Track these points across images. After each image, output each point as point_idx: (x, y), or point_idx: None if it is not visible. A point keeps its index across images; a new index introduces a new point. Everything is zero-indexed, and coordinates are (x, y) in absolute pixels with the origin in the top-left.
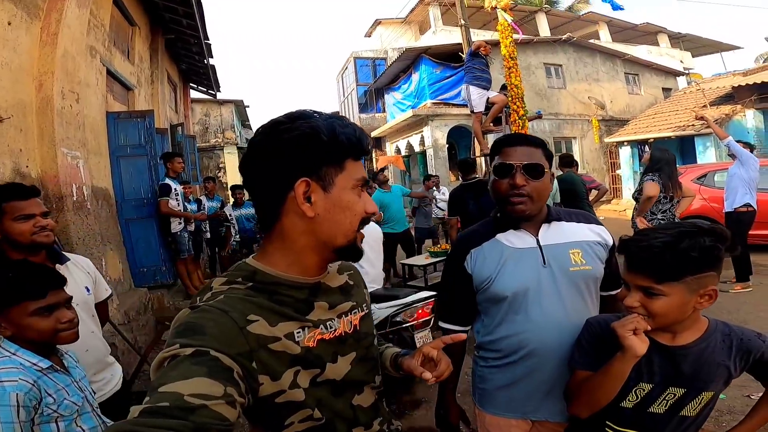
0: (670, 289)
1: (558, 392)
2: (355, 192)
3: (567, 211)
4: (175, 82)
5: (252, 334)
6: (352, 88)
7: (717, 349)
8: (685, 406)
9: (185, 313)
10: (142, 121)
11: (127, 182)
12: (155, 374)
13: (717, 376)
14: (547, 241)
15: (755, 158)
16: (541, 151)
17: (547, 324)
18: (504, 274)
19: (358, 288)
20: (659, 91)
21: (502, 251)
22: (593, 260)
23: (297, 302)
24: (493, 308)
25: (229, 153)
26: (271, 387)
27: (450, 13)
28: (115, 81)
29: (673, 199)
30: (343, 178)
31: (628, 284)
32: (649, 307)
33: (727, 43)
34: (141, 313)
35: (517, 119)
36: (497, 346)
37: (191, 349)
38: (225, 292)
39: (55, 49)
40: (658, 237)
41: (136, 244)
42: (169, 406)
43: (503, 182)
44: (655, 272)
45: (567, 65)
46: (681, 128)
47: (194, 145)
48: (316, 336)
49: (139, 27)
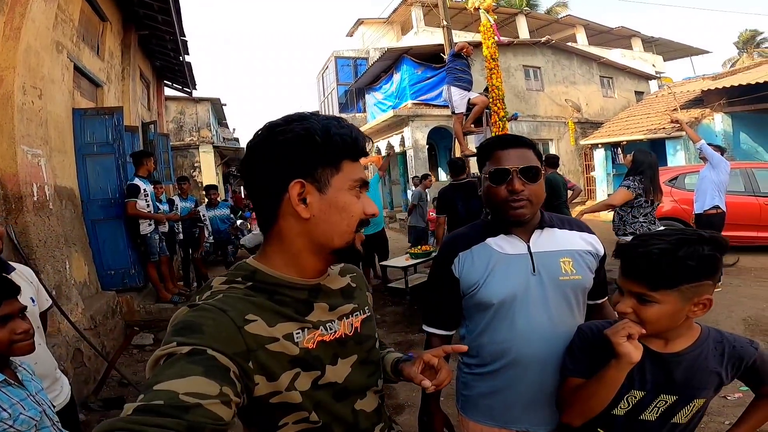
0: (664, 296)
1: (540, 402)
2: (353, 193)
3: (560, 218)
4: (149, 79)
5: (250, 334)
6: (333, 87)
7: (709, 356)
8: (676, 414)
9: (183, 311)
10: (110, 118)
11: (94, 181)
12: (151, 372)
13: (709, 383)
14: (538, 248)
15: (726, 161)
16: (532, 152)
17: (532, 334)
18: (492, 280)
19: (360, 291)
20: (632, 94)
21: (491, 256)
22: (583, 270)
23: (296, 303)
24: (478, 314)
25: (205, 152)
26: (267, 387)
27: (432, 14)
28: (83, 77)
29: (654, 203)
30: (339, 179)
31: (622, 289)
32: (641, 313)
33: (696, 48)
34: (108, 318)
35: (498, 120)
36: (480, 353)
37: (188, 348)
38: (224, 291)
39: (17, 43)
40: (656, 244)
41: (103, 245)
42: (164, 404)
43: (501, 188)
44: (650, 280)
45: (545, 68)
46: (652, 131)
47: (167, 144)
48: (316, 337)
49: (110, 22)
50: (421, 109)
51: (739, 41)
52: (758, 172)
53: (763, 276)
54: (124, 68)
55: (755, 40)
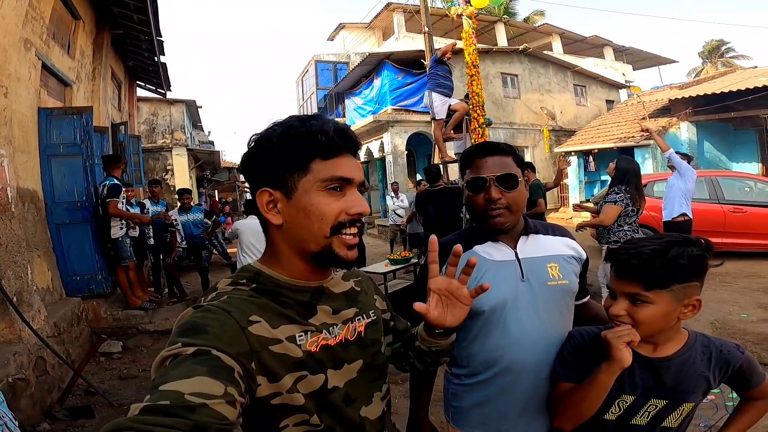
0: (657, 296)
1: (533, 409)
2: (324, 194)
3: (543, 224)
4: (120, 79)
5: (253, 335)
6: (312, 91)
7: (697, 360)
8: (666, 418)
9: (189, 313)
10: (79, 119)
11: (59, 184)
12: (156, 372)
13: (697, 387)
14: (525, 255)
15: (693, 170)
16: (511, 159)
17: (525, 340)
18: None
19: (365, 295)
20: (603, 102)
21: (480, 264)
22: (569, 275)
23: (299, 305)
24: (468, 322)
25: (178, 155)
26: (268, 388)
27: (413, 20)
28: (51, 76)
29: (638, 211)
30: (306, 181)
31: (615, 293)
32: (635, 315)
33: (664, 57)
34: (74, 324)
35: (477, 127)
36: (470, 362)
37: (193, 348)
38: (229, 292)
39: None
40: (647, 245)
41: (68, 250)
42: (170, 404)
43: (479, 197)
44: (644, 279)
45: (522, 75)
46: (622, 140)
47: (139, 146)
48: (320, 341)
49: (83, 21)
50: (401, 115)
51: (704, 51)
52: (722, 180)
53: (728, 280)
54: (95, 67)
55: (720, 50)
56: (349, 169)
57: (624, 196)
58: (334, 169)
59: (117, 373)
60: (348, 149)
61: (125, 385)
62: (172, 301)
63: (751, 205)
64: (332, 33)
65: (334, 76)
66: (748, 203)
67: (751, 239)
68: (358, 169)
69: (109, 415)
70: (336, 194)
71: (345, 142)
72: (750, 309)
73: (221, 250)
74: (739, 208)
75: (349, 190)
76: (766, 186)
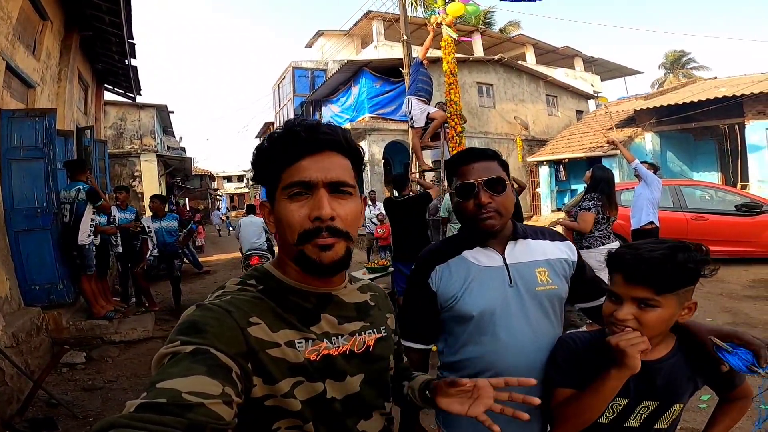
0: (665, 300)
1: (530, 422)
2: (288, 201)
3: (533, 228)
4: (87, 82)
5: (252, 336)
6: (289, 98)
7: (686, 362)
8: (658, 419)
9: (190, 311)
10: (41, 121)
11: (18, 189)
12: (155, 370)
13: (686, 388)
14: (513, 260)
15: (658, 179)
16: (497, 163)
17: (515, 345)
18: (470, 293)
19: (378, 311)
20: (573, 113)
21: (468, 269)
22: (559, 279)
23: (303, 312)
24: (458, 328)
25: (147, 161)
26: (263, 390)
27: (392, 29)
28: (14, 77)
29: (609, 219)
30: (279, 191)
31: (618, 297)
32: (642, 318)
33: (630, 68)
34: (33, 335)
35: (455, 136)
36: (461, 367)
37: (192, 347)
38: (234, 292)
39: None
40: (654, 249)
41: (27, 258)
42: (166, 402)
43: (468, 203)
44: (657, 283)
45: (497, 85)
46: (591, 149)
47: (105, 151)
48: (322, 350)
49: (52, 21)
50: (379, 123)
51: (667, 61)
52: (685, 189)
53: (696, 287)
54: (62, 69)
55: (681, 61)
56: (308, 171)
57: (596, 203)
58: (294, 174)
59: (81, 384)
60: (312, 150)
61: (90, 396)
62: (140, 311)
63: (712, 213)
64: (310, 40)
65: (312, 83)
66: (710, 211)
67: (713, 245)
68: (322, 168)
69: (73, 427)
70: (300, 200)
71: (302, 144)
72: (715, 314)
73: (192, 259)
74: (701, 216)
75: (315, 193)
76: (726, 194)
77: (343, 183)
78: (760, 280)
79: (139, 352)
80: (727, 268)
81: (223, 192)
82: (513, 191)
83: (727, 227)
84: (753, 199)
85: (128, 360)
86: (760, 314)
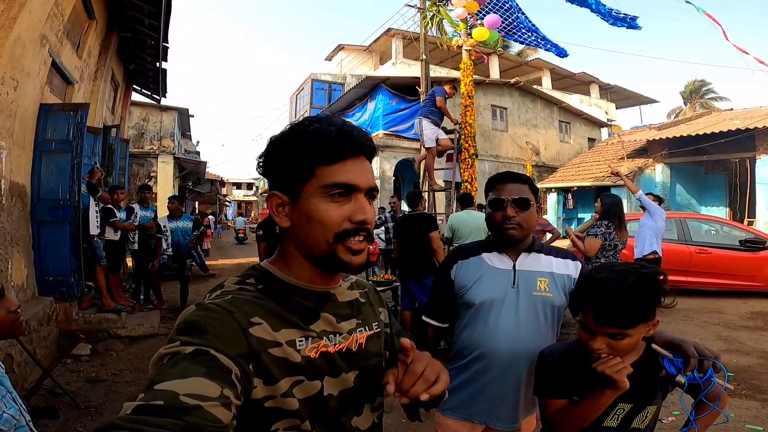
0: (634, 331)
1: (500, 398)
2: (327, 200)
3: (550, 247)
4: (118, 81)
5: (254, 337)
6: (306, 110)
7: (655, 367)
8: (633, 419)
9: (190, 310)
10: (74, 115)
11: (46, 180)
12: (154, 370)
13: (657, 391)
14: (522, 267)
15: (662, 210)
16: (527, 187)
17: (499, 333)
18: (478, 285)
19: (370, 307)
20: (585, 140)
21: (482, 267)
22: (557, 290)
23: (303, 310)
24: (464, 312)
25: (164, 162)
26: (263, 391)
27: (411, 47)
28: (56, 73)
29: (617, 247)
30: (310, 186)
31: (591, 329)
32: (616, 347)
33: (646, 96)
34: (43, 325)
35: (467, 158)
36: (458, 347)
37: (191, 348)
38: (234, 291)
39: (9, 32)
40: (620, 288)
41: (45, 249)
42: (164, 404)
43: (497, 214)
44: (625, 324)
45: (511, 109)
46: (599, 179)
47: (126, 150)
48: (320, 348)
49: (96, 21)
50: (392, 140)
51: (686, 91)
52: (690, 222)
53: (690, 315)
54: (99, 68)
55: (700, 91)
56: (353, 174)
57: (606, 231)
58: (337, 174)
59: (84, 375)
60: (356, 153)
61: (93, 388)
62: (148, 307)
63: (716, 247)
64: (330, 53)
65: (329, 96)
66: (714, 245)
67: (715, 278)
68: (365, 174)
69: (74, 416)
70: (340, 201)
71: (351, 146)
72: (710, 341)
73: (200, 262)
74: (705, 250)
75: (355, 197)
76: (732, 230)
77: (376, 189)
78: (758, 313)
79: (143, 348)
80: (727, 300)
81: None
82: (538, 212)
83: (729, 261)
84: (757, 234)
85: (132, 355)
86: (754, 343)
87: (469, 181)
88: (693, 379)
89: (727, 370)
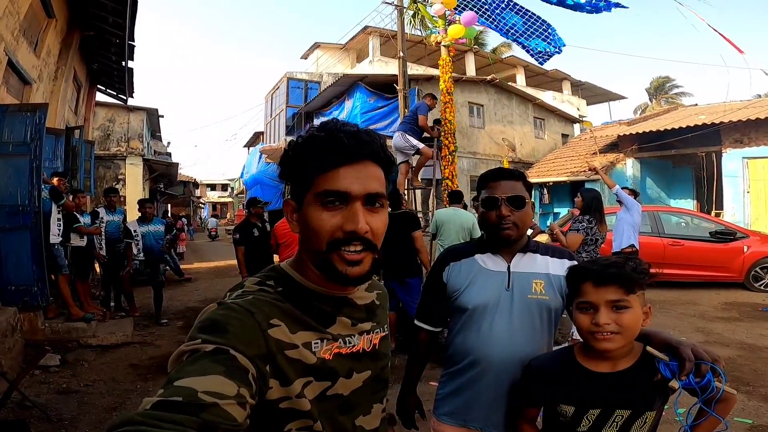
0: (633, 300)
1: (495, 404)
2: (320, 208)
3: (544, 245)
4: (81, 82)
5: (272, 338)
6: (282, 109)
7: (652, 371)
8: (632, 426)
9: (212, 308)
10: (32, 116)
11: (4, 185)
12: (173, 366)
13: (656, 396)
14: (516, 269)
15: (638, 204)
16: (521, 183)
17: (493, 338)
18: (471, 289)
19: (382, 309)
20: (559, 136)
21: (475, 269)
22: (553, 292)
23: (321, 313)
24: (456, 316)
25: (132, 164)
26: (279, 392)
27: (389, 45)
28: (13, 73)
29: (597, 242)
30: (309, 194)
31: (594, 304)
32: (620, 321)
33: (615, 93)
34: (8, 336)
35: (448, 155)
36: (451, 352)
37: (212, 346)
38: (254, 292)
39: None
40: (608, 259)
41: (5, 258)
42: (182, 401)
43: (491, 213)
44: (625, 283)
45: (488, 106)
46: (575, 173)
47: (91, 152)
48: (334, 349)
49: (56, 19)
50: None
51: (651, 87)
52: (663, 215)
53: (666, 307)
54: (59, 68)
55: (665, 87)
56: (348, 181)
57: (587, 226)
58: (328, 182)
59: (55, 387)
60: (353, 159)
61: (65, 399)
62: (119, 315)
63: (688, 239)
64: (306, 51)
65: (305, 94)
66: (686, 237)
67: (688, 270)
68: (362, 180)
69: (46, 430)
70: (333, 209)
71: (343, 152)
72: (688, 333)
73: (174, 266)
74: (678, 242)
75: (350, 205)
76: (702, 221)
77: (378, 195)
78: (732, 303)
79: (116, 357)
80: (701, 291)
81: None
82: (533, 209)
83: (702, 253)
84: (727, 226)
85: (105, 364)
86: (731, 334)
87: (449, 178)
88: (689, 384)
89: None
